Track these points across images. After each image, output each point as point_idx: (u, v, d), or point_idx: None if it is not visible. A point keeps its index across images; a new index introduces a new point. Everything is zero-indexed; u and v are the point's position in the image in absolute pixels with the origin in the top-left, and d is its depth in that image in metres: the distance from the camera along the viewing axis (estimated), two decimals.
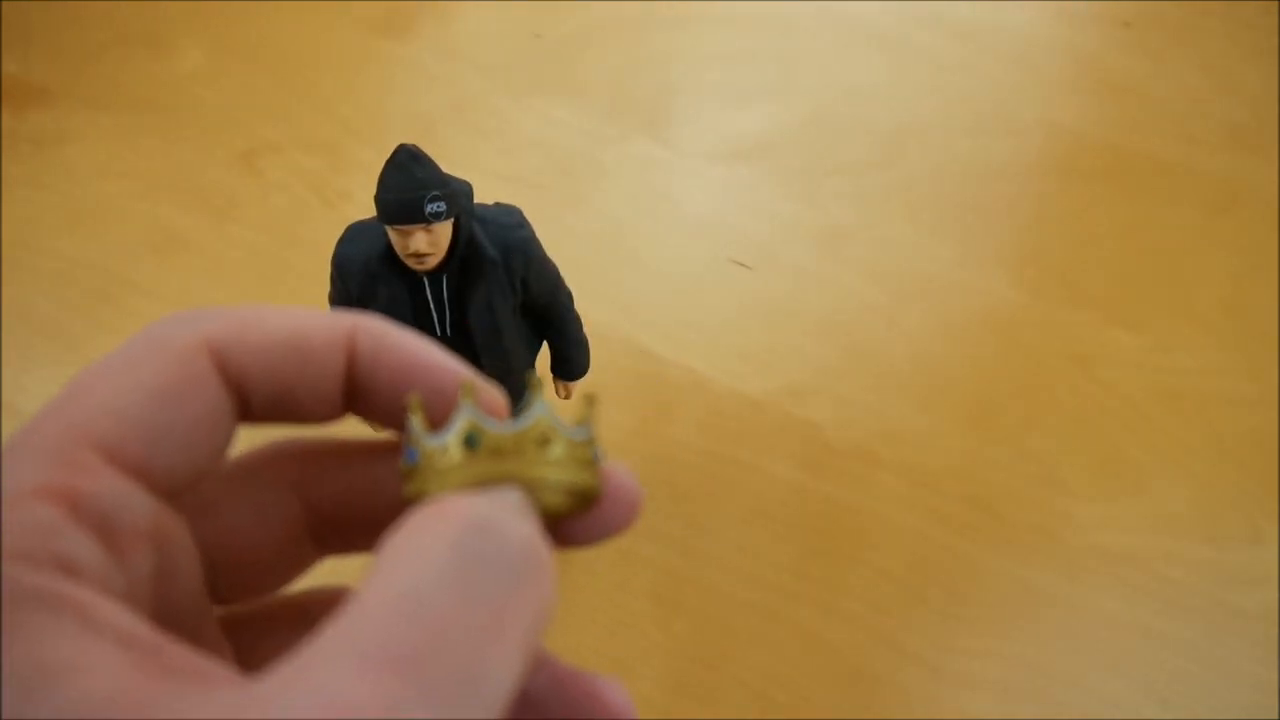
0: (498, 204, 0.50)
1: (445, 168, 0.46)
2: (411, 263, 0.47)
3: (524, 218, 0.50)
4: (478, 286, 0.49)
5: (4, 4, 0.96)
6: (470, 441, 0.15)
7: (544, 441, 0.15)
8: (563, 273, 0.53)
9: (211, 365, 0.16)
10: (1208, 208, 0.81)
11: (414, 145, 0.45)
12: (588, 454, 0.16)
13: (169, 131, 0.87)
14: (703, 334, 0.73)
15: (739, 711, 0.58)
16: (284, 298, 0.77)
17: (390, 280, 0.48)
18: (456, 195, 0.46)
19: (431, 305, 0.49)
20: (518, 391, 0.55)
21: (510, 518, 0.14)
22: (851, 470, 0.67)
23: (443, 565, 0.13)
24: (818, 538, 0.64)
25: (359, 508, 0.18)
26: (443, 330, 0.50)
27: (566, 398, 0.58)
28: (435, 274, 0.48)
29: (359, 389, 0.17)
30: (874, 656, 0.60)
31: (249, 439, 0.18)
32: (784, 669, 0.59)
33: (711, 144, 0.85)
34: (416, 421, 0.16)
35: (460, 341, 0.50)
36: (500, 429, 0.15)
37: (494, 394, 0.17)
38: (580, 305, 0.55)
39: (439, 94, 0.89)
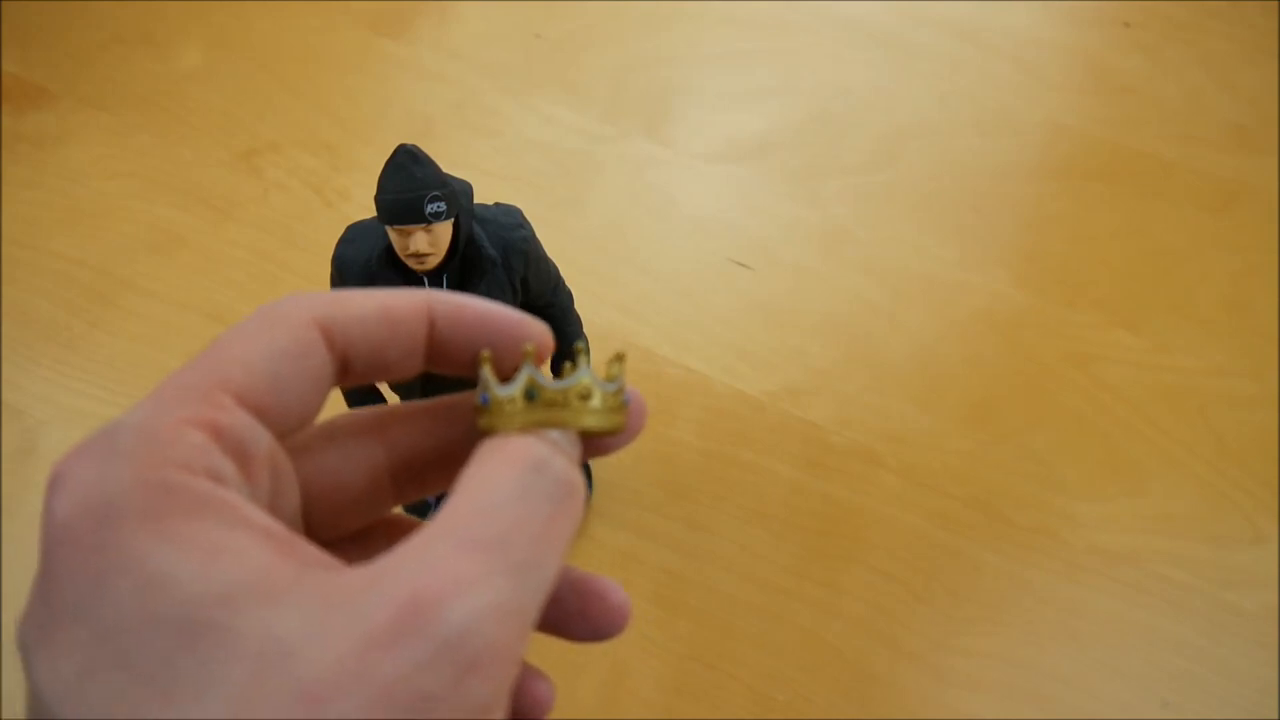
0: (498, 204, 0.50)
1: (445, 168, 0.46)
2: (411, 263, 0.47)
3: (524, 218, 0.50)
4: (478, 286, 0.49)
5: (4, 4, 0.96)
6: (530, 394, 0.20)
7: (585, 396, 0.20)
8: (563, 273, 0.53)
9: (319, 334, 0.20)
10: (1208, 208, 0.81)
11: (414, 145, 0.45)
12: (618, 401, 0.21)
13: (169, 131, 0.87)
14: (703, 334, 0.73)
15: (739, 711, 0.58)
16: None
17: (390, 280, 0.48)
18: (456, 195, 0.46)
19: None
20: None
21: (556, 458, 0.19)
22: (851, 470, 0.67)
23: (511, 489, 0.18)
24: (818, 538, 0.64)
25: (433, 455, 0.23)
26: None
27: None
28: (435, 274, 0.48)
29: (438, 349, 0.21)
30: (874, 656, 0.60)
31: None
32: (784, 669, 0.59)
33: (711, 144, 0.85)
34: (487, 371, 0.20)
35: None
36: (553, 385, 0.20)
37: (546, 348, 0.22)
38: (580, 305, 0.55)
39: (439, 94, 0.89)
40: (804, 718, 0.58)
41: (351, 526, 0.23)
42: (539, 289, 0.51)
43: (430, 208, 0.45)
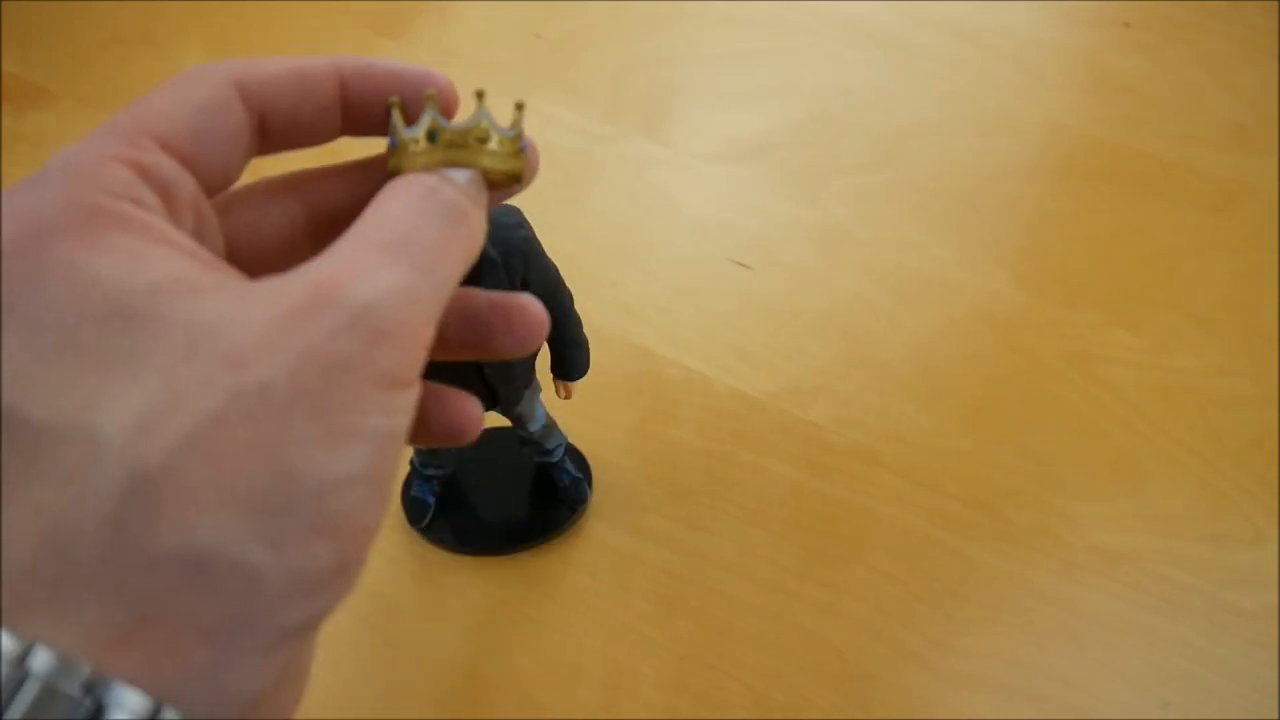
0: None
1: None
2: None
3: (524, 218, 0.50)
4: (477, 286, 0.49)
5: (4, 4, 0.96)
6: (432, 136, 0.22)
7: (483, 139, 0.22)
8: (563, 273, 0.53)
9: (237, 92, 0.21)
10: (1208, 208, 0.81)
11: None
12: (515, 147, 0.23)
13: None
14: (703, 334, 0.73)
15: (739, 711, 0.58)
16: None
17: None
18: None
19: None
20: (517, 392, 0.55)
21: (445, 186, 0.21)
22: (852, 470, 0.67)
23: (405, 208, 0.20)
24: (818, 538, 0.64)
25: (349, 208, 0.24)
26: None
27: (567, 398, 0.58)
28: None
29: (353, 109, 0.23)
30: (874, 656, 0.60)
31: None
32: (784, 669, 0.59)
33: (711, 144, 0.85)
34: (396, 116, 0.22)
35: None
36: (453, 127, 0.22)
37: (451, 96, 0.24)
38: (580, 305, 0.55)
39: None
40: (804, 718, 0.58)
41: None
42: (539, 289, 0.51)
43: None
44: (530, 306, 0.25)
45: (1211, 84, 0.89)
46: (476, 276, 0.48)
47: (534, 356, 0.55)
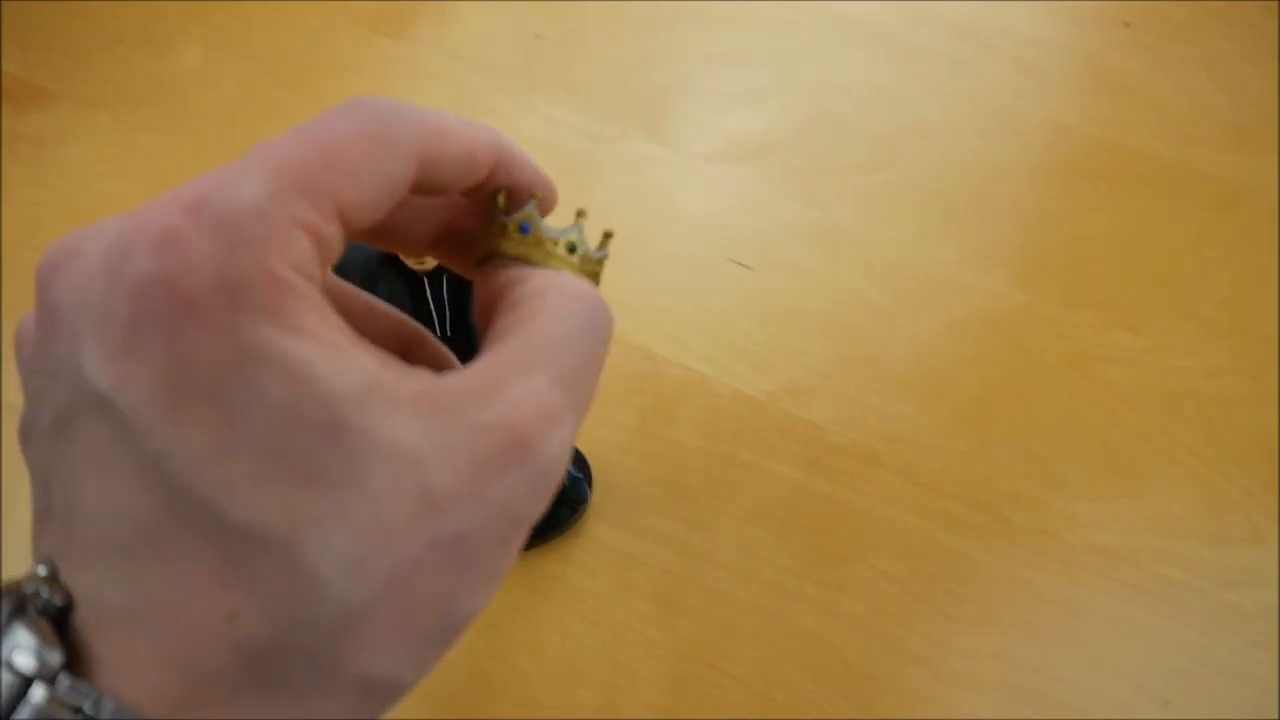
0: None
1: None
2: (411, 263, 0.47)
3: None
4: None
5: (4, 4, 0.96)
6: (571, 248, 0.23)
7: (601, 261, 0.24)
8: None
9: (414, 170, 0.20)
10: (1208, 208, 0.81)
11: None
12: (599, 268, 0.25)
13: (169, 131, 0.87)
14: (703, 334, 0.73)
15: (739, 711, 0.58)
16: None
17: (390, 280, 0.48)
18: None
19: (431, 305, 0.49)
20: None
21: (606, 309, 0.22)
22: (851, 470, 0.67)
23: (582, 325, 0.21)
24: (818, 538, 0.64)
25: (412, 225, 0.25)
26: (443, 330, 0.50)
27: None
28: (435, 274, 0.48)
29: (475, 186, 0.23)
30: (874, 656, 0.60)
31: None
32: (784, 669, 0.59)
33: (711, 144, 0.85)
34: (534, 207, 0.24)
35: (460, 342, 0.50)
36: (591, 253, 0.24)
37: (552, 201, 0.25)
38: None
39: (439, 94, 0.89)
40: (804, 718, 0.58)
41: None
42: None
43: None
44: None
45: (1211, 84, 0.89)
46: None
47: None
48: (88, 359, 0.17)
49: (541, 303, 0.21)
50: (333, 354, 0.17)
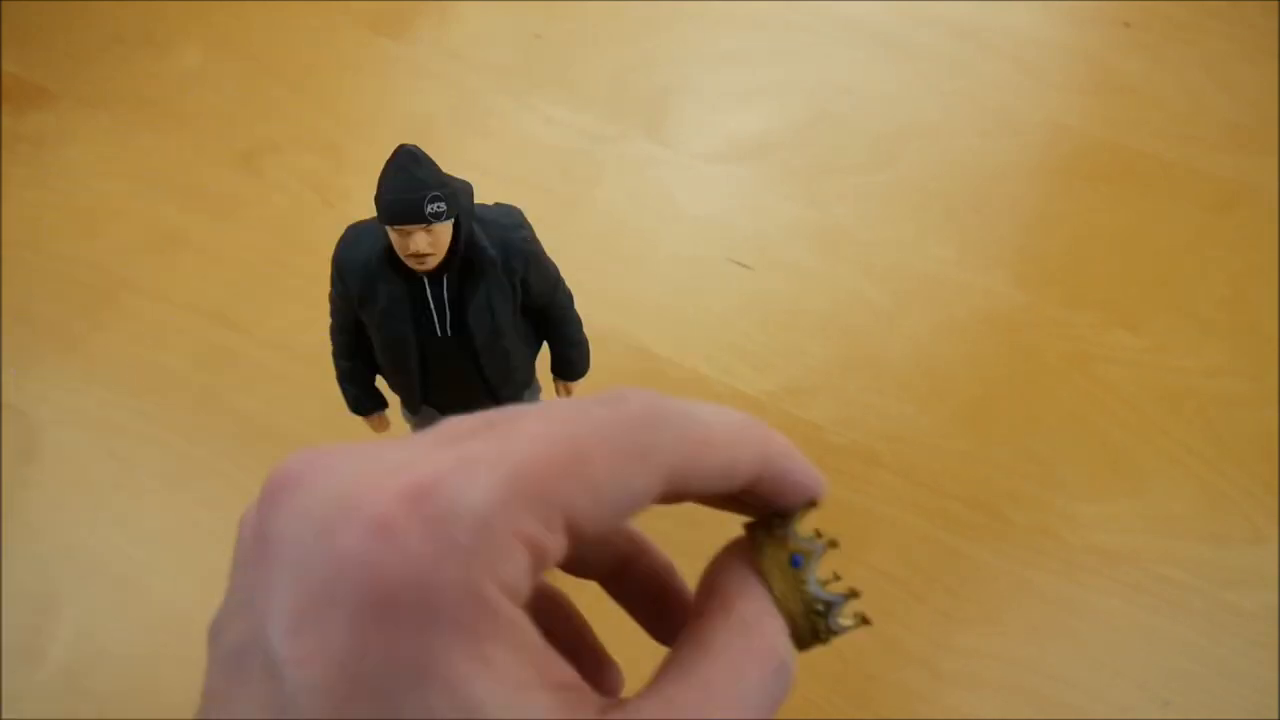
0: (498, 204, 0.50)
1: (445, 168, 0.46)
2: (412, 263, 0.47)
3: (524, 218, 0.50)
4: (478, 287, 0.49)
5: (4, 4, 0.96)
6: (821, 611, 0.21)
7: (832, 634, 0.21)
8: (563, 273, 0.53)
9: (662, 487, 0.19)
10: (1208, 208, 0.81)
11: (414, 145, 0.45)
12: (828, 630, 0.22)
13: (169, 131, 0.87)
14: (703, 334, 0.73)
15: None
16: (284, 297, 0.77)
17: (390, 280, 0.48)
18: (456, 195, 0.46)
19: (431, 306, 0.49)
20: (517, 391, 0.55)
21: (793, 669, 0.20)
22: (852, 470, 0.67)
23: (761, 694, 0.19)
24: None
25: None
26: (443, 330, 0.50)
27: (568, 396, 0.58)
28: (435, 274, 0.48)
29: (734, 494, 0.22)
30: (874, 656, 0.60)
31: None
32: None
33: (711, 144, 0.85)
34: (817, 560, 0.22)
35: (460, 342, 0.50)
36: (835, 626, 0.21)
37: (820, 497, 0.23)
38: (580, 305, 0.55)
39: (439, 94, 0.89)
40: (804, 717, 0.58)
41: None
42: (539, 289, 0.51)
43: (430, 208, 0.44)
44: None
45: (1211, 84, 0.89)
46: (476, 276, 0.48)
47: (534, 357, 0.55)
48: (274, 618, 0.16)
49: (741, 645, 0.19)
50: (510, 695, 0.16)
